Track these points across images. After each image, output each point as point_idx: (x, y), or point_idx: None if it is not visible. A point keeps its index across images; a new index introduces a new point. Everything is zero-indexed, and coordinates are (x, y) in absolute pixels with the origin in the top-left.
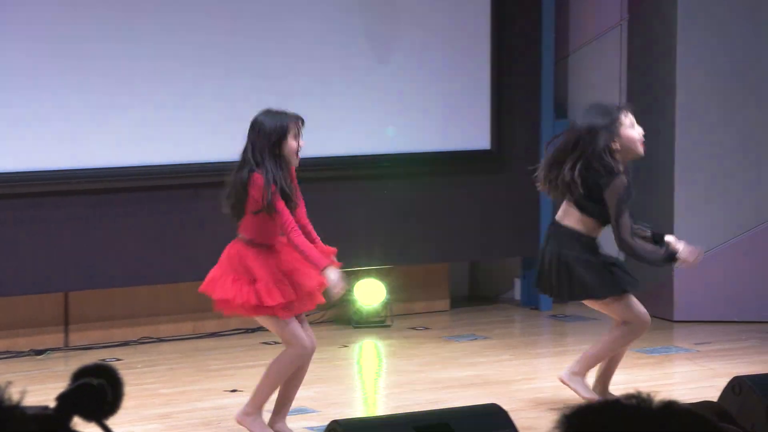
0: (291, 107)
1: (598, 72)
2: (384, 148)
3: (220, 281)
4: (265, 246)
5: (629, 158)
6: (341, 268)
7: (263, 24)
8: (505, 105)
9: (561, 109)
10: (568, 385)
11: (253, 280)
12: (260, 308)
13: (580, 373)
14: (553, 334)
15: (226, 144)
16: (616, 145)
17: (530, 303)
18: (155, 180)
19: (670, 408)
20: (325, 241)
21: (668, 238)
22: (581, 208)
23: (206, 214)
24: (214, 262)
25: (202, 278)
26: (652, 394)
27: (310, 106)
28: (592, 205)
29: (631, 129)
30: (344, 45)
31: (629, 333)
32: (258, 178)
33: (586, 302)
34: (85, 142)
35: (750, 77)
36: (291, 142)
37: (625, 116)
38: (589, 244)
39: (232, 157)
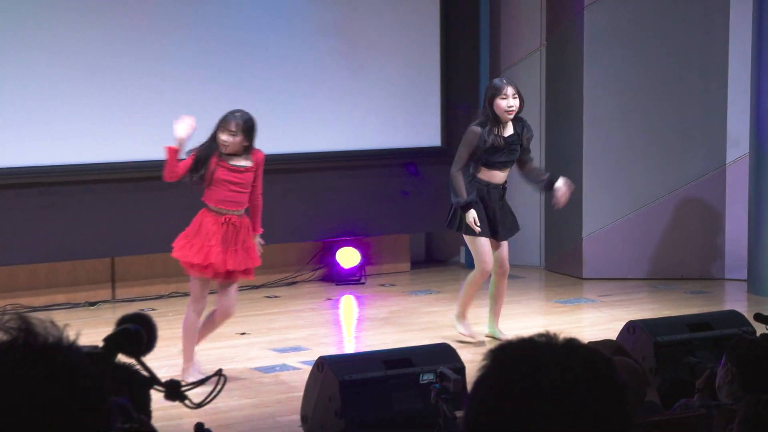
0: (282, 109)
1: (524, 85)
2: (358, 144)
3: None
4: None
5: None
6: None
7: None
8: (452, 111)
9: None
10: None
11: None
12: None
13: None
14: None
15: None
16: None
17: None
18: None
19: (572, 343)
20: (313, 217)
21: (558, 183)
22: None
23: None
24: None
25: None
26: (558, 333)
27: (301, 109)
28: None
29: (502, 99)
30: (320, 64)
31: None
32: None
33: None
34: (123, 140)
35: (639, 92)
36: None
37: (505, 88)
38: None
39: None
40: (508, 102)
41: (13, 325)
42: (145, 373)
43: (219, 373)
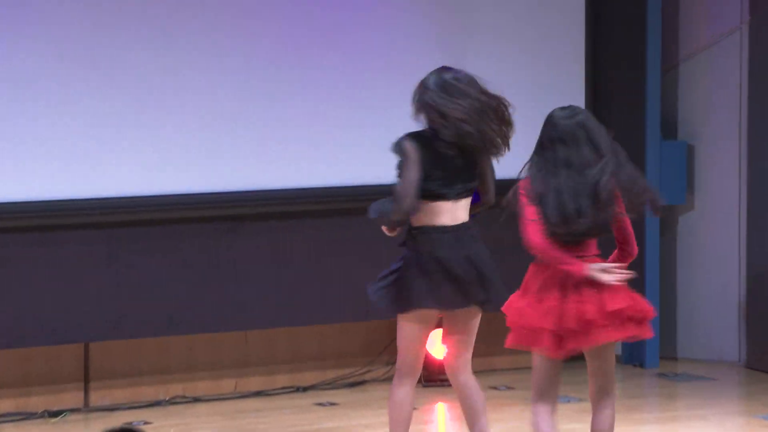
0: (357, 130)
1: (714, 83)
2: None
3: None
4: None
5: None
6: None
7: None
8: (603, 123)
9: (669, 128)
10: None
11: None
12: None
13: None
14: (661, 396)
15: (265, 172)
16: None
17: (633, 359)
18: (187, 211)
19: None
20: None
21: None
22: None
23: (249, 251)
24: (259, 307)
25: (246, 327)
26: None
27: (377, 134)
28: None
29: None
30: (420, 62)
31: None
32: None
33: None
34: (103, 169)
35: None
36: None
37: None
38: None
39: (273, 185)
40: None
41: None
42: None
43: None
